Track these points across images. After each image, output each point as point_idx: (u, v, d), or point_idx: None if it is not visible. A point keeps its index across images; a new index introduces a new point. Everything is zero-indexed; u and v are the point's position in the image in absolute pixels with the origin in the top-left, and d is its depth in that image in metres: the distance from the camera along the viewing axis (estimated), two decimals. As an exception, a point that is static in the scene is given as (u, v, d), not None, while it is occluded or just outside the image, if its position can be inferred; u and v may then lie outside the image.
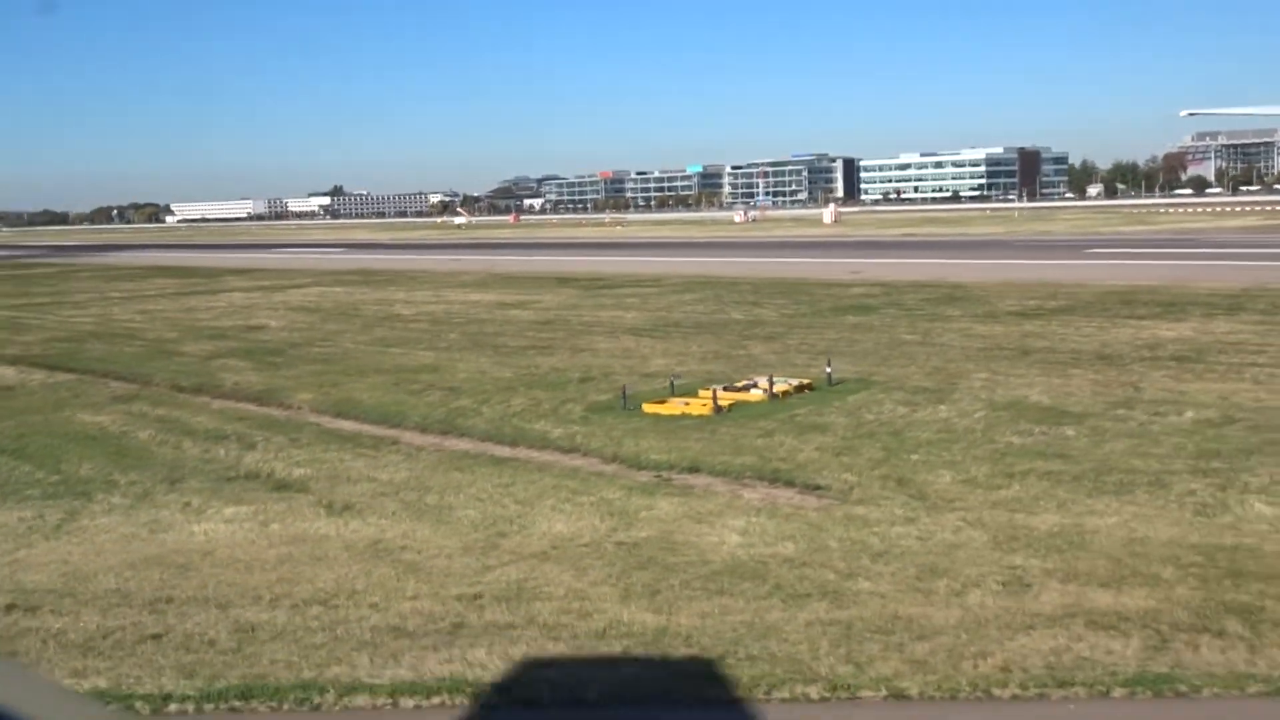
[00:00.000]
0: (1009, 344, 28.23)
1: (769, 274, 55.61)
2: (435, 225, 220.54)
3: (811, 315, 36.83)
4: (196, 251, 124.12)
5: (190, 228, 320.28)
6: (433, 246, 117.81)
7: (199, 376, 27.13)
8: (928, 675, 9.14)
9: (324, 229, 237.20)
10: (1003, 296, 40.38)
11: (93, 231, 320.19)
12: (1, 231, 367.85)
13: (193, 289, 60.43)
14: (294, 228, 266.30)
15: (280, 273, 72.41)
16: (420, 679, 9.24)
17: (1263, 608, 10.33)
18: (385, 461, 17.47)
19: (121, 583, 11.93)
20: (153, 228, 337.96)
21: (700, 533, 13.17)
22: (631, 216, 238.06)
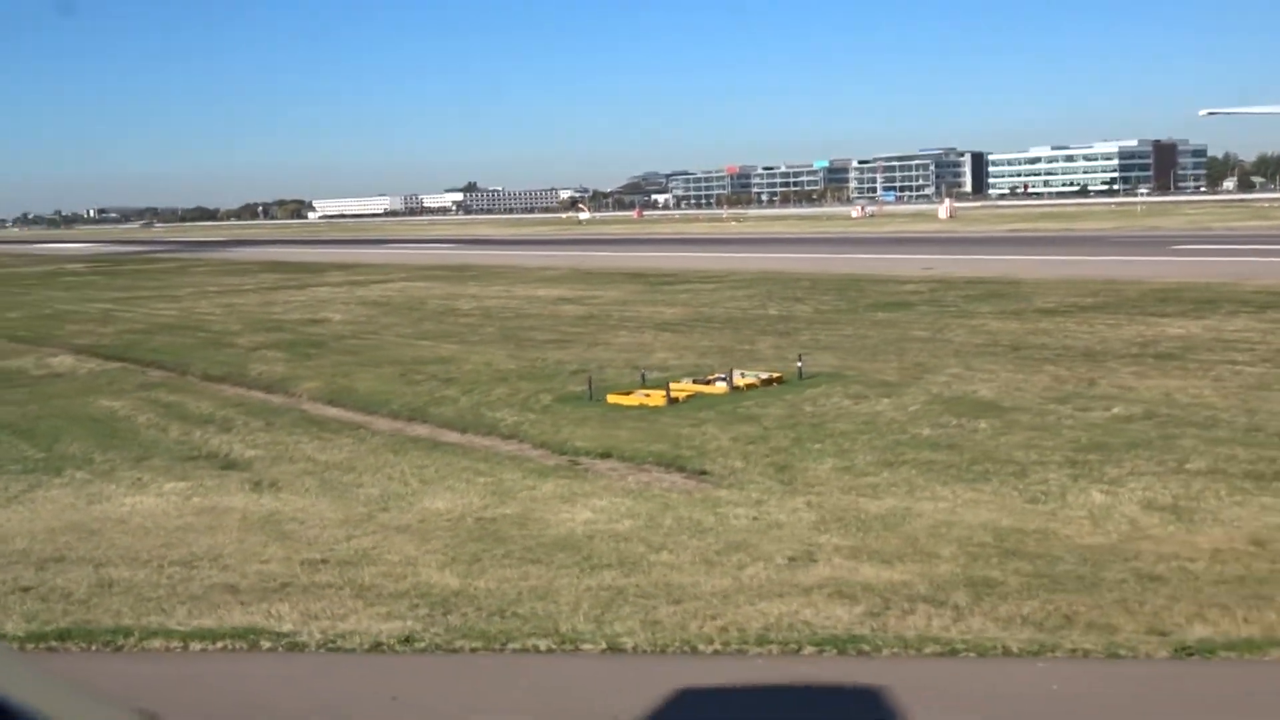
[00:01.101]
0: (1007, 341, 28.72)
1: (837, 270, 56.11)
2: (557, 221, 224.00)
3: (845, 312, 37.52)
4: (317, 247, 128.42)
5: (328, 224, 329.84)
6: (541, 242, 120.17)
7: (232, 366, 29.13)
8: (653, 633, 10.27)
9: (450, 225, 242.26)
10: (1047, 294, 40.52)
11: (236, 227, 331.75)
12: (155, 227, 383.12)
13: (286, 284, 63.25)
14: (425, 223, 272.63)
15: (378, 268, 75.08)
16: (218, 627, 10.68)
17: (1003, 583, 11.21)
18: (335, 445, 19.02)
19: (30, 544, 13.64)
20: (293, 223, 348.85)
21: (559, 511, 14.40)
22: (752, 212, 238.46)
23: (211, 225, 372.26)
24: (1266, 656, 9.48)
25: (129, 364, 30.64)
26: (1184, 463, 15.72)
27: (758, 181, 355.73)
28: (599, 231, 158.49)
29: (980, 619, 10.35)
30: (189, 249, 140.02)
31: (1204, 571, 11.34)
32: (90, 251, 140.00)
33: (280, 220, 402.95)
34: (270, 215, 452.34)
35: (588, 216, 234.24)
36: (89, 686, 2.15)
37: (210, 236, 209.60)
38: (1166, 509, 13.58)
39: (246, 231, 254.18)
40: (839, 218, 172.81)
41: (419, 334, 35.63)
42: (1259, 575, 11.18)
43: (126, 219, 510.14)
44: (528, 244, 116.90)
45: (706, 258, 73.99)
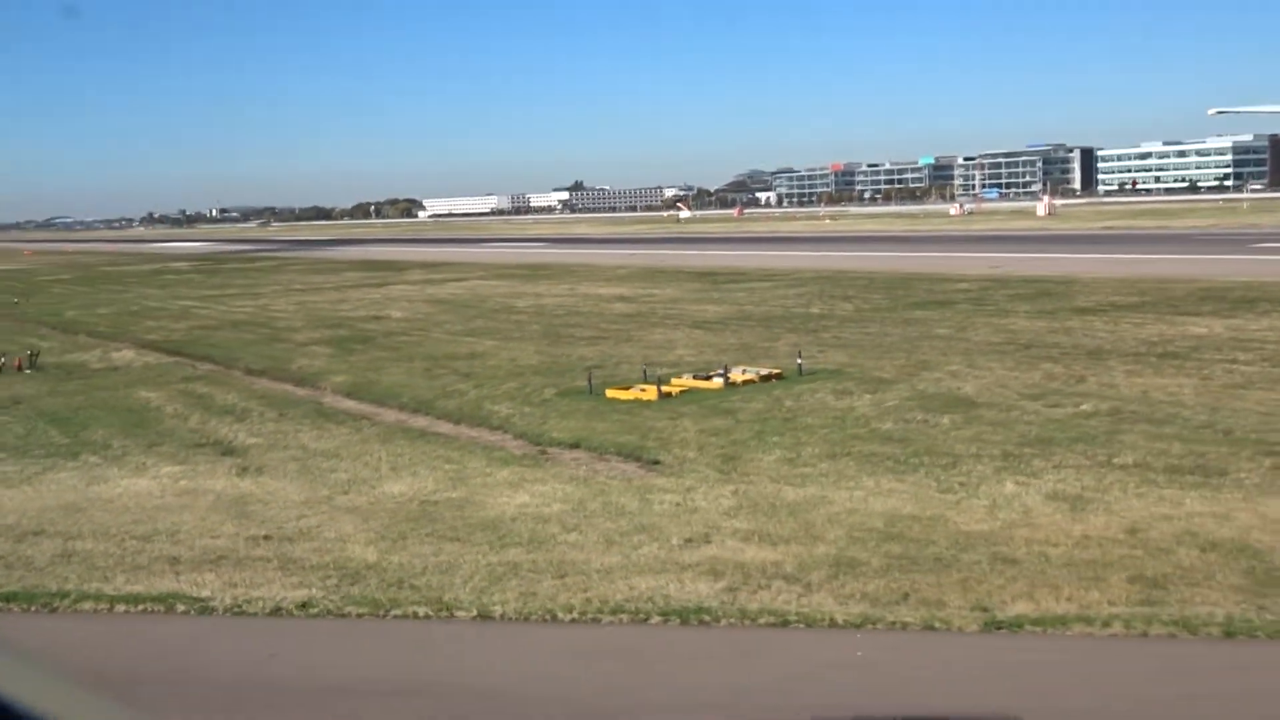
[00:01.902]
0: (1024, 340, 29.09)
1: (902, 268, 56.37)
2: (657, 220, 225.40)
3: (883, 310, 38.03)
4: (414, 245, 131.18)
5: (435, 222, 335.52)
6: (631, 241, 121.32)
7: (277, 361, 30.76)
8: (524, 603, 11.30)
9: (551, 224, 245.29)
10: (1093, 293, 40.56)
11: (346, 226, 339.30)
12: (271, 226, 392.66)
13: (367, 282, 65.32)
14: (528, 222, 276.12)
15: (459, 267, 76.93)
16: (145, 592, 11.99)
17: (865, 563, 12.03)
18: (332, 435, 20.35)
19: (20, 520, 15.12)
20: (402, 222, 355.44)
21: (500, 495, 15.50)
22: (853, 210, 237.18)
23: (324, 224, 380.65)
24: (1068, 631, 10.20)
25: (184, 358, 32.47)
26: (1114, 456, 16.28)
27: (861, 179, 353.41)
28: (694, 230, 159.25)
29: (824, 595, 11.20)
30: (293, 248, 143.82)
31: (1059, 556, 12.03)
32: (201, 250, 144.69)
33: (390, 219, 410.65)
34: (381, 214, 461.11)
35: (688, 215, 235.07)
36: (90, 687, 2.22)
37: (319, 235, 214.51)
38: (1066, 499, 14.22)
39: (355, 230, 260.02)
40: (937, 215, 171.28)
41: (465, 331, 36.98)
42: (1108, 560, 11.83)
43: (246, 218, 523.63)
44: (617, 242, 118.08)
45: (781, 256, 74.54)
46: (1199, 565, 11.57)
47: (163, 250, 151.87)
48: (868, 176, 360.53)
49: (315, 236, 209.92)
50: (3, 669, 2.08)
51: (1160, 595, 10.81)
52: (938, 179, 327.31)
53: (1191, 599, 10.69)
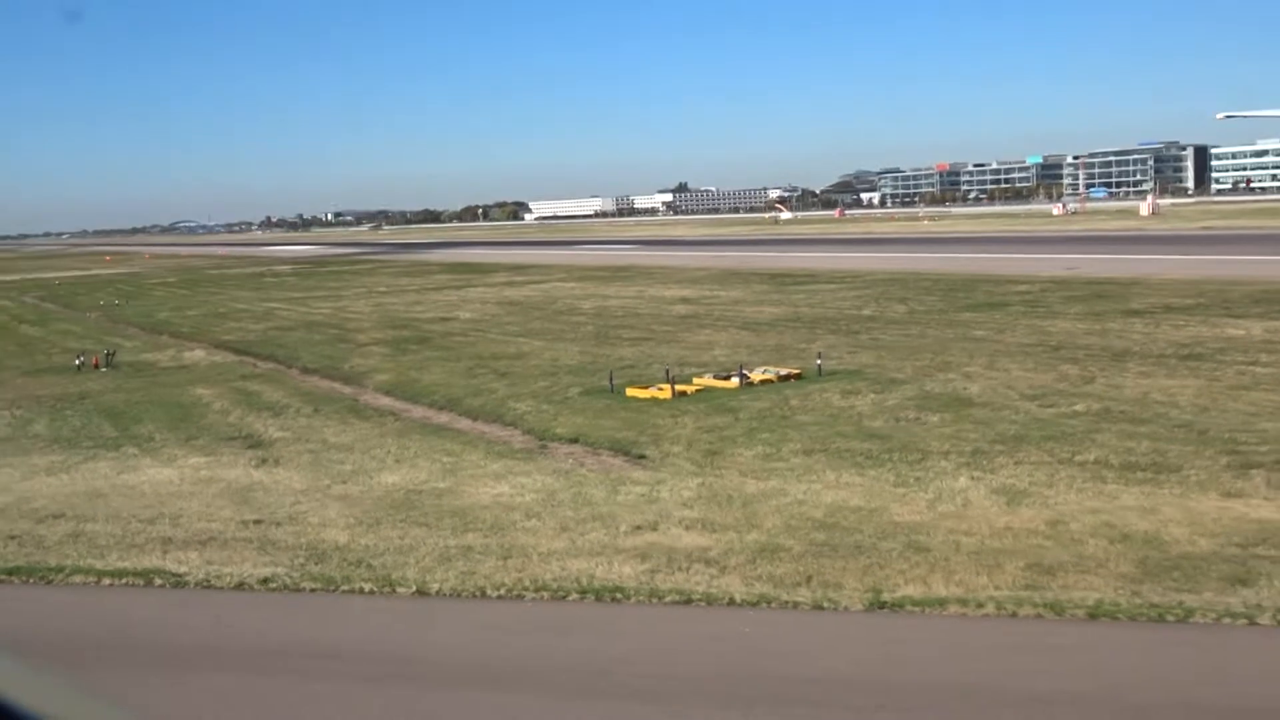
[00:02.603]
0: (1055, 341, 29.39)
1: (972, 270, 56.38)
2: (757, 221, 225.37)
3: (934, 312, 38.39)
4: (510, 248, 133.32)
5: (539, 225, 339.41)
6: (723, 243, 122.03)
7: (333, 360, 32.25)
8: (462, 581, 12.35)
9: (651, 226, 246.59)
10: (1152, 294, 40.46)
11: (453, 229, 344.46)
12: (383, 229, 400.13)
13: (450, 284, 67.08)
14: (630, 223, 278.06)
15: (544, 269, 78.44)
16: (130, 567, 13.28)
17: (787, 549, 12.86)
18: (354, 429, 21.61)
19: (48, 504, 16.57)
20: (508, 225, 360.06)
21: (482, 486, 16.56)
22: (955, 210, 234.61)
23: (433, 227, 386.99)
24: (944, 611, 10.93)
25: (249, 357, 34.17)
26: (1077, 454, 16.81)
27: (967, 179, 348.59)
28: (790, 231, 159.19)
29: (734, 577, 12.05)
30: (395, 251, 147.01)
31: (970, 545, 12.72)
32: (307, 254, 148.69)
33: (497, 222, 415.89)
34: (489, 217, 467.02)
35: (788, 216, 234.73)
36: (90, 688, 2.23)
37: (424, 239, 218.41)
38: (1009, 493, 14.85)
39: (460, 233, 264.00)
40: (1038, 216, 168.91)
41: (522, 331, 38.19)
42: (1014, 549, 12.50)
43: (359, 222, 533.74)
44: (708, 244, 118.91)
45: (863, 258, 74.71)
46: (1099, 555, 12.19)
47: (272, 254, 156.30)
48: (973, 176, 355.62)
49: (421, 239, 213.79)
50: (3, 672, 2.10)
51: (1045, 581, 11.48)
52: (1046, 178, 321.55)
53: (1073, 585, 11.35)
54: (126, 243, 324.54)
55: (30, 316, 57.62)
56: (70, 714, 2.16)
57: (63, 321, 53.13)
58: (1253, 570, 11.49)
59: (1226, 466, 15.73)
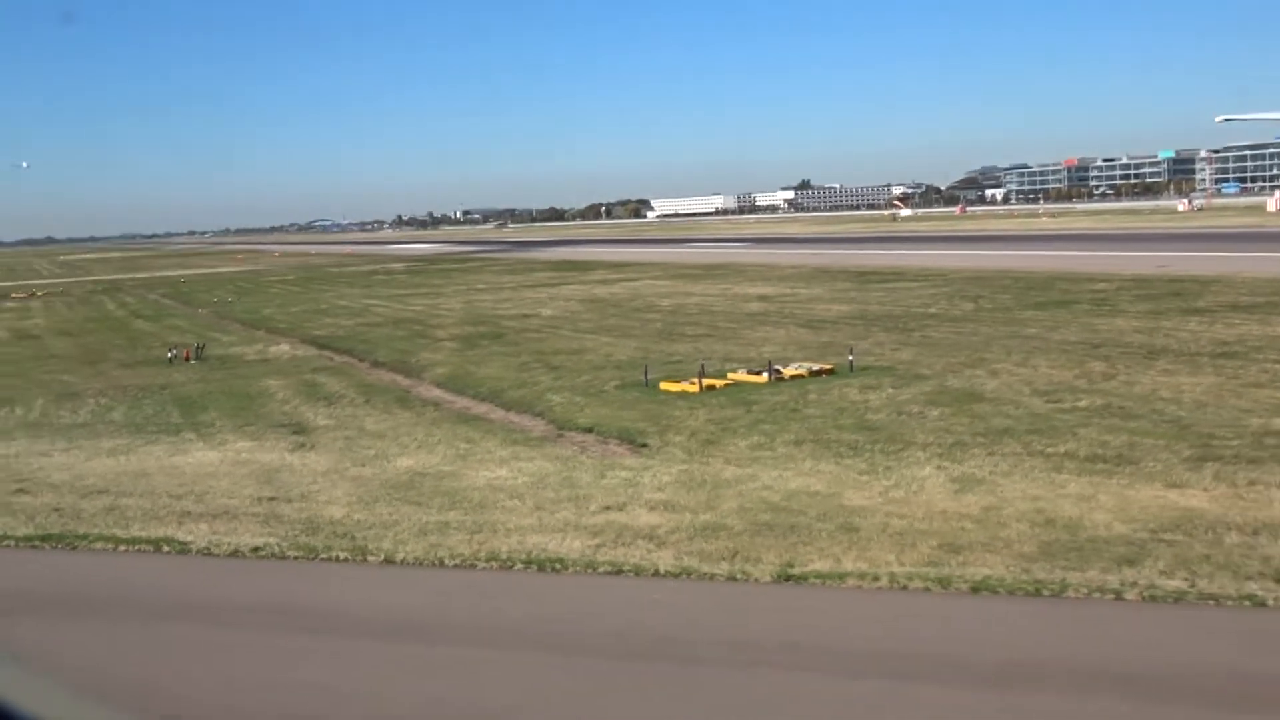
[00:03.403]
0: (1099, 340, 29.73)
1: (1059, 268, 56.22)
2: (874, 219, 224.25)
3: (997, 310, 38.77)
4: (621, 246, 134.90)
5: (659, 223, 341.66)
6: (830, 240, 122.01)
7: (404, 355, 33.96)
8: (427, 552, 13.68)
9: (767, 223, 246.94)
10: (1225, 293, 40.25)
11: (574, 227, 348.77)
12: (508, 227, 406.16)
13: (547, 282, 68.87)
14: (750, 221, 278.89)
15: (643, 267, 79.81)
16: (145, 536, 14.89)
17: (728, 528, 13.94)
18: (393, 418, 23.12)
19: (97, 481, 18.35)
20: (628, 223, 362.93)
21: (483, 469, 17.89)
22: (1079, 207, 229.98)
23: (555, 225, 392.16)
24: (842, 584, 11.92)
25: (329, 351, 36.11)
26: (1050, 447, 17.52)
27: (1096, 174, 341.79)
28: (905, 229, 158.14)
29: (668, 551, 13.18)
30: (511, 249, 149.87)
31: (898, 526, 13.65)
32: (426, 252, 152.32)
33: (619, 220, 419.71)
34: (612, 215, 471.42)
35: (907, 213, 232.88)
36: (91, 693, 2.44)
37: (544, 237, 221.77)
38: (964, 481, 15.68)
39: (579, 231, 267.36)
40: (1162, 212, 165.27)
41: (594, 328, 39.54)
42: (935, 531, 13.40)
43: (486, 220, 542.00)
44: (817, 242, 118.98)
45: (958, 255, 74.60)
46: (1012, 537, 13.04)
47: (393, 251, 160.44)
48: (1102, 172, 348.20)
49: (540, 237, 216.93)
50: (4, 675, 2.13)
51: (948, 559, 12.38)
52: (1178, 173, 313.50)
53: (972, 562, 12.24)
54: (263, 241, 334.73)
55: (148, 312, 60.86)
56: (69, 715, 2.16)
57: (175, 317, 56.10)
58: (1146, 553, 12.24)
59: (1186, 459, 16.31)
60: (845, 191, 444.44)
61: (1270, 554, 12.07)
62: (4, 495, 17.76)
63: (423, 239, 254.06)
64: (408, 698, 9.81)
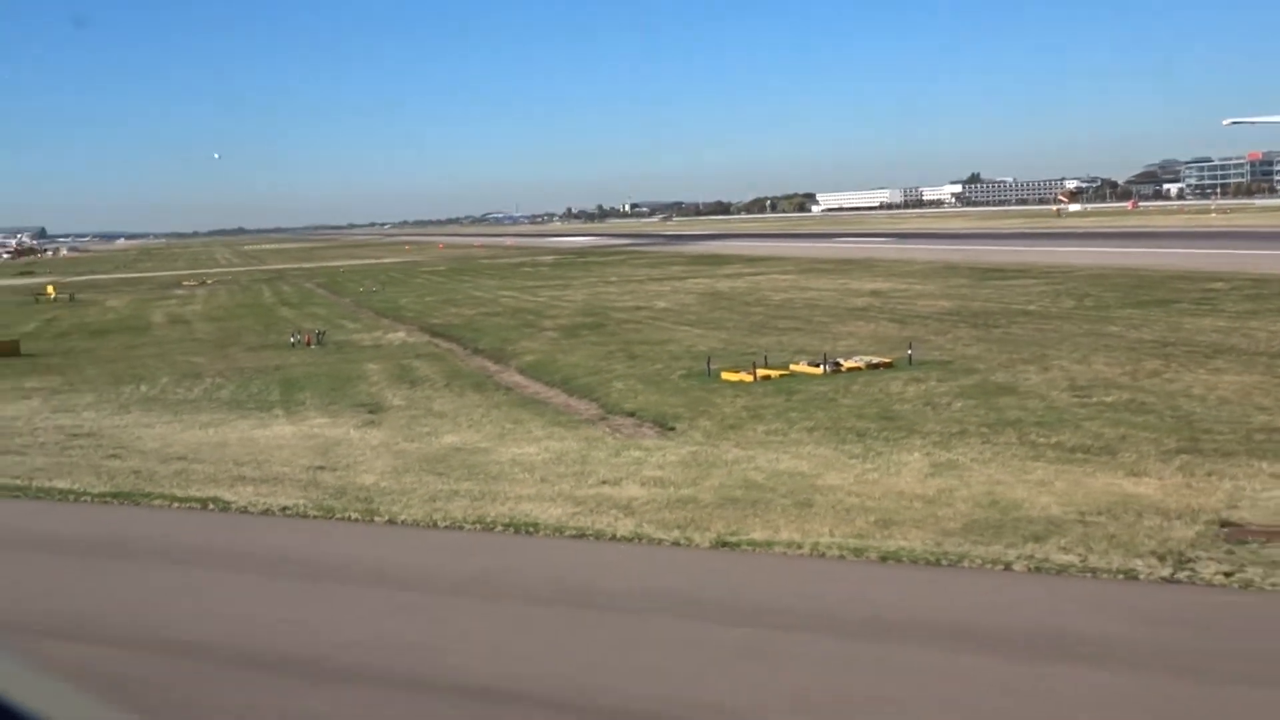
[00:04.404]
0: (1172, 339, 29.92)
1: (1184, 266, 55.40)
2: (1040, 214, 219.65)
3: (1093, 308, 38.95)
4: (771, 240, 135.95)
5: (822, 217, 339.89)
6: (980, 236, 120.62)
7: (505, 342, 35.98)
8: (427, 515, 15.40)
9: (931, 217, 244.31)
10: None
11: (735, 220, 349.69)
12: (673, 220, 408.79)
13: (676, 275, 70.51)
14: (911, 216, 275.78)
15: (777, 261, 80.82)
16: (199, 495, 16.98)
17: (700, 501, 15.31)
18: (463, 400, 24.98)
19: (180, 449, 20.63)
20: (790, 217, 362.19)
21: (516, 447, 19.57)
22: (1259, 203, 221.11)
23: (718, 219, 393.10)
24: (770, 550, 13.23)
25: (438, 339, 38.37)
26: (1045, 437, 18.41)
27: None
28: (1067, 224, 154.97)
29: (633, 520, 14.64)
30: (663, 242, 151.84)
31: (850, 503, 14.85)
32: (580, 244, 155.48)
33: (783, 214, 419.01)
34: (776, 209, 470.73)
35: (1076, 209, 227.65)
36: (92, 689, 2.10)
37: (702, 230, 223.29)
38: (940, 466, 16.74)
39: (738, 225, 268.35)
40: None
41: (695, 320, 40.99)
42: (880, 508, 14.56)
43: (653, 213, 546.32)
44: (965, 238, 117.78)
45: (1091, 252, 73.76)
46: (948, 516, 14.13)
47: (550, 244, 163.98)
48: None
49: (698, 231, 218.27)
50: (8, 677, 2.12)
51: (875, 532, 13.58)
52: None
53: (896, 535, 13.42)
54: (436, 232, 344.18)
55: (295, 300, 64.49)
56: (69, 714, 2.16)
57: (317, 305, 59.44)
58: (1060, 531, 13.23)
59: (1166, 451, 17.03)
60: (1017, 185, 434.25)
61: (1172, 536, 12.94)
62: (99, 459, 20.16)
63: (585, 231, 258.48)
64: (359, 633, 11.48)
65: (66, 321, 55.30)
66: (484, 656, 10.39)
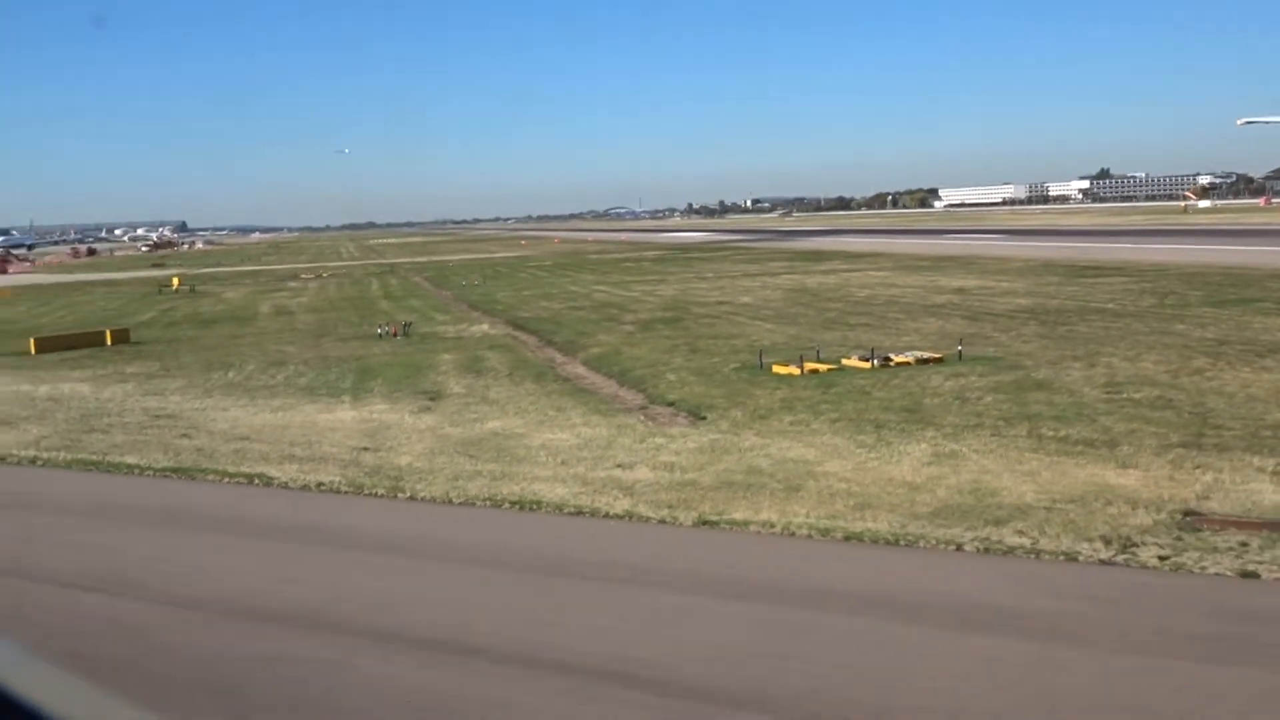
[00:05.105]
0: (1233, 338, 29.91)
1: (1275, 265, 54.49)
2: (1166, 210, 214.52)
3: (1173, 306, 38.78)
4: (877, 237, 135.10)
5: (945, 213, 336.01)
6: (1096, 233, 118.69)
7: (580, 336, 37.17)
8: (445, 493, 16.59)
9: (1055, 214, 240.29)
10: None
11: (853, 216, 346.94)
12: (792, 216, 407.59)
13: (773, 271, 71.10)
14: (1035, 212, 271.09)
15: (875, 258, 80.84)
16: (248, 471, 18.42)
17: (699, 483, 16.27)
18: (519, 389, 26.18)
19: (246, 430, 22.17)
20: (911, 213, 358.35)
21: (549, 432, 20.71)
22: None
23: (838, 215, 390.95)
24: (746, 530, 14.14)
25: (519, 331, 39.75)
26: (1055, 431, 18.95)
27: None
28: (1191, 221, 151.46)
29: (630, 500, 15.66)
30: (772, 238, 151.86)
31: (837, 488, 15.68)
32: (690, 240, 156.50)
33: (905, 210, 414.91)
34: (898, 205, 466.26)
35: (1205, 205, 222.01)
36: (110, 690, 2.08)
37: (816, 226, 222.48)
38: (940, 457, 17.44)
39: (855, 221, 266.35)
40: None
41: (771, 315, 41.73)
42: (862, 494, 15.36)
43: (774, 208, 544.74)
44: (1080, 235, 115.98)
45: (1198, 249, 72.17)
46: (924, 501, 14.91)
47: (661, 239, 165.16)
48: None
49: (812, 227, 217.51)
50: (13, 669, 2.16)
51: (849, 514, 14.41)
52: None
53: (865, 518, 14.25)
54: (558, 227, 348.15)
55: (398, 293, 66.61)
56: (75, 707, 2.14)
57: (417, 298, 61.38)
58: (1022, 517, 13.92)
59: (1167, 445, 17.50)
60: (1148, 181, 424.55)
61: (1129, 523, 13.56)
62: (171, 438, 21.81)
63: (700, 227, 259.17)
64: (357, 591, 12.68)
65: (181, 311, 58.03)
66: (438, 612, 11.54)
